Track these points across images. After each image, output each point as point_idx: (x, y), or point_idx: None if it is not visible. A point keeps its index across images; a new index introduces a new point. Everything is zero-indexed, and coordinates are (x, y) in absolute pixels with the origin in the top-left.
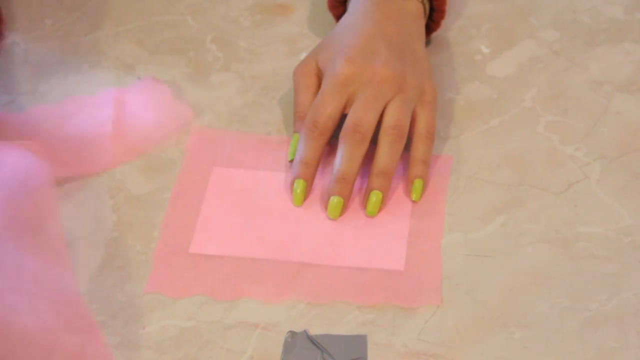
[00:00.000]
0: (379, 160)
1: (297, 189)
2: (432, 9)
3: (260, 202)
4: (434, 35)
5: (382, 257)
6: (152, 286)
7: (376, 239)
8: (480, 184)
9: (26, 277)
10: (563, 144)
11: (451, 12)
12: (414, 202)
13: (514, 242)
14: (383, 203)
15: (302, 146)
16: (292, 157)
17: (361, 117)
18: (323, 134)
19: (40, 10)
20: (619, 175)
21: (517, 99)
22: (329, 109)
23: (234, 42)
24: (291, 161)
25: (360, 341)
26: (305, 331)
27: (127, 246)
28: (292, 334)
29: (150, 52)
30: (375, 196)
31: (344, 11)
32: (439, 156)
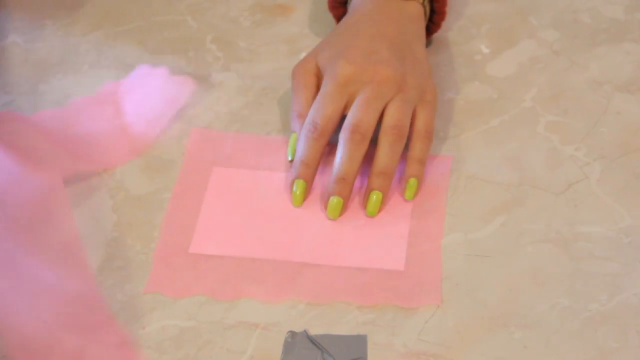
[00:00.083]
0: (379, 160)
1: (297, 190)
2: (432, 11)
3: (260, 202)
4: (434, 35)
5: (382, 257)
6: (152, 286)
7: (376, 239)
8: (480, 184)
9: (27, 277)
10: (563, 144)
11: (451, 12)
12: (407, 201)
13: (514, 242)
14: (383, 203)
15: (302, 146)
16: (292, 157)
17: (361, 117)
18: (323, 134)
19: (40, 10)
20: (619, 175)
21: (517, 99)
22: (329, 110)
23: (234, 42)
24: (291, 161)
25: (360, 341)
26: (305, 331)
27: (127, 246)
28: (292, 334)
29: (150, 52)
30: (375, 196)
31: (344, 12)
32: (439, 156)
